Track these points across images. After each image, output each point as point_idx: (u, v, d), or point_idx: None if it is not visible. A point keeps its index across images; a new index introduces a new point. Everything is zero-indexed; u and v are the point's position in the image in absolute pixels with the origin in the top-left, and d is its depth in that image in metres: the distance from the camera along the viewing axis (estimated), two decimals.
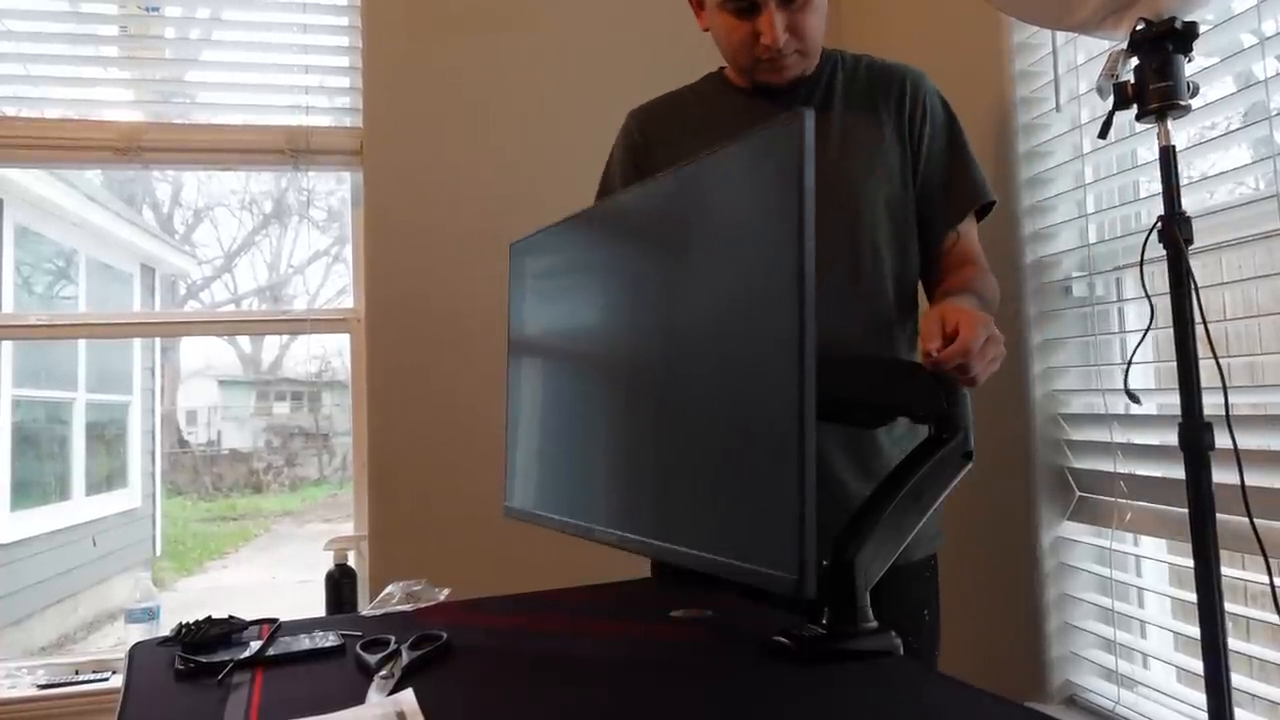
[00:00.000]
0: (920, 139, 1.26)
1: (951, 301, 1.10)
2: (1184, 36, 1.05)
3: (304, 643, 1.00)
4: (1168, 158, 1.06)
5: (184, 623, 1.03)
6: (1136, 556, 1.43)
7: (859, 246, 1.22)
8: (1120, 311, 1.48)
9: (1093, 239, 1.49)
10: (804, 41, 1.21)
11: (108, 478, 6.53)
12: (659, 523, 0.86)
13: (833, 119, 1.25)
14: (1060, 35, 1.50)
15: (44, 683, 1.86)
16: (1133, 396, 1.18)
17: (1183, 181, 1.08)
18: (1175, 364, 1.04)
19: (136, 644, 1.06)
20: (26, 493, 5.37)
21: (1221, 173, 1.29)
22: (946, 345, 0.94)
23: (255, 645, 0.98)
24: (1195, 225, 1.06)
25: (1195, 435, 1.02)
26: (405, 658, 0.92)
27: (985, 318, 0.98)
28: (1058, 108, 1.51)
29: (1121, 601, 1.43)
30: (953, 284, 1.23)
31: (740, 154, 0.81)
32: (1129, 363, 1.17)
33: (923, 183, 1.27)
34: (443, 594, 1.21)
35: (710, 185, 0.84)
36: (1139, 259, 1.13)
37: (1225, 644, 1.00)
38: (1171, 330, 1.04)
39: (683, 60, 1.47)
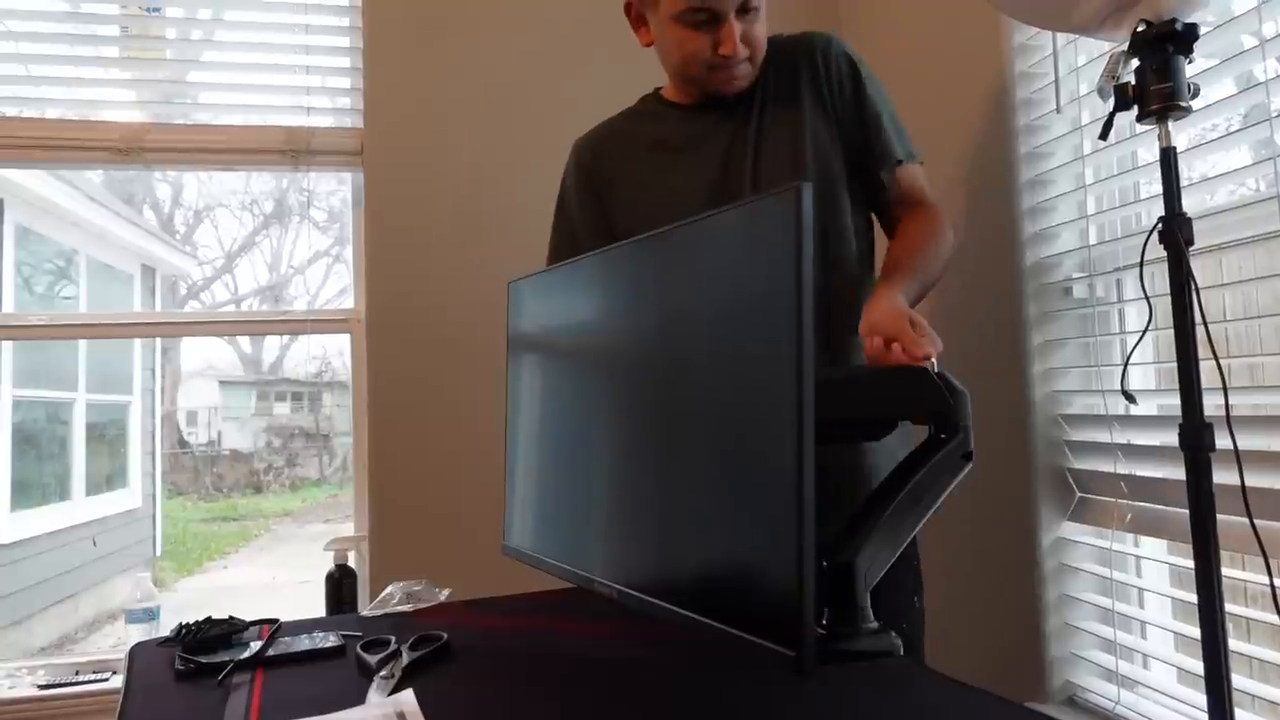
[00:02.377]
0: (835, 100, 1.27)
1: (872, 304, 1.06)
2: (1184, 38, 1.05)
3: (304, 643, 1.00)
4: (1168, 159, 1.06)
5: (184, 623, 1.03)
6: (1137, 557, 1.43)
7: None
8: (1121, 313, 1.48)
9: (1093, 240, 1.49)
10: (755, 51, 1.25)
11: (108, 478, 6.53)
12: (658, 579, 0.83)
13: (751, 122, 1.27)
14: (1061, 37, 1.50)
15: (44, 683, 1.86)
16: (1129, 397, 1.18)
17: (1183, 183, 1.07)
18: (1176, 365, 1.04)
19: (137, 644, 1.07)
20: (27, 493, 5.37)
21: (1222, 174, 1.29)
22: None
23: (255, 645, 0.98)
24: (1196, 226, 1.05)
25: (1196, 436, 1.02)
26: (405, 658, 0.92)
27: (891, 315, 0.98)
28: (1058, 109, 1.51)
29: (1122, 602, 1.43)
30: (890, 258, 1.21)
31: (738, 218, 0.79)
32: (1126, 363, 1.17)
33: (848, 140, 1.28)
34: (443, 594, 1.21)
35: (708, 245, 0.83)
36: (1139, 260, 1.13)
37: (1225, 644, 1.00)
38: (1172, 331, 1.04)
39: None
